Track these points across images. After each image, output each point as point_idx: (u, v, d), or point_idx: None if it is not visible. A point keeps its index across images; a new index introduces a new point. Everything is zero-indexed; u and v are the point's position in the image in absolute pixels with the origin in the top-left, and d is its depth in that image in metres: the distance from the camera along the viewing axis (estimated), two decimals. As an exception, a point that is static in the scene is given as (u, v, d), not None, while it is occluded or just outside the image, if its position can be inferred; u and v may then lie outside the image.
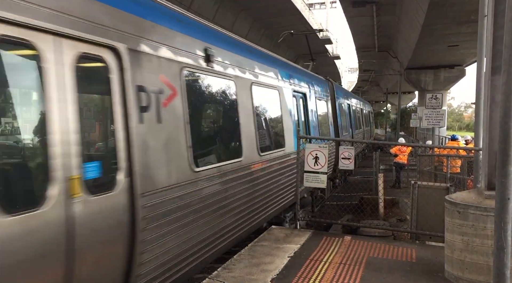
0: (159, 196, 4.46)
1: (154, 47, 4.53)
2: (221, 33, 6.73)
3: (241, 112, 6.81)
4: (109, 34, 3.84)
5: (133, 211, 4.04)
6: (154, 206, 4.35)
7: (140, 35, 4.32)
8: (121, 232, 3.93)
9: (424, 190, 7.87)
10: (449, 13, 19.18)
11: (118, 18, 4.04)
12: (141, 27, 4.38)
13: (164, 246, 4.56)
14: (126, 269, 4.06)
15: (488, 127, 5.37)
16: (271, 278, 5.44)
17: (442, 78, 35.15)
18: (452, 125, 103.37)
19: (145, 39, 4.39)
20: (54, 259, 3.21)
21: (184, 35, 5.27)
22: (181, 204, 4.85)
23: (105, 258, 3.77)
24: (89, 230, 3.51)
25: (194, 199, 5.14)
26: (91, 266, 3.58)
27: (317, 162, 7.94)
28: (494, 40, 5.26)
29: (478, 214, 5.17)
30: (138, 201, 4.07)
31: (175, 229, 4.74)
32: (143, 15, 4.48)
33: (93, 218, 3.56)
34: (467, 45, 25.37)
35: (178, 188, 4.80)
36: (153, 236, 4.34)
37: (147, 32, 4.46)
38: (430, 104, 20.99)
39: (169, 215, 4.62)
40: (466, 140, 16.72)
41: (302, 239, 7.21)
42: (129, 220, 4.01)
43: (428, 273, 5.78)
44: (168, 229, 4.61)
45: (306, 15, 30.87)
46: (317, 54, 40.50)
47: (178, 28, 5.18)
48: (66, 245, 3.27)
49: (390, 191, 15.52)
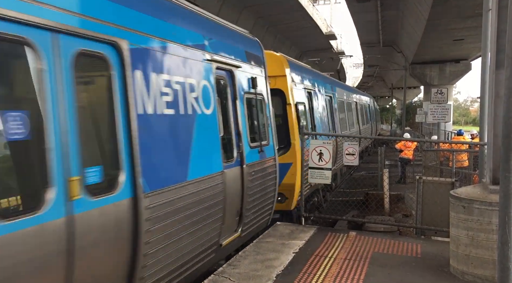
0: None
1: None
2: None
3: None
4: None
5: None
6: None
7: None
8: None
9: (429, 185, 7.85)
10: (453, 8, 19.06)
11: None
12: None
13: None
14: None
15: (493, 122, 5.35)
16: (276, 274, 5.46)
17: (448, 73, 34.94)
18: (458, 119, 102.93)
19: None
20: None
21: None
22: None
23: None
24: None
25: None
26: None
27: (322, 158, 7.94)
28: (498, 34, 5.24)
29: (483, 209, 5.17)
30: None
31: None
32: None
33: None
34: (473, 39, 25.20)
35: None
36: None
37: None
38: (436, 99, 20.90)
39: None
40: (471, 134, 16.65)
41: (307, 235, 7.23)
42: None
43: (434, 268, 5.78)
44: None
45: (310, 11, 30.75)
46: (322, 50, 40.36)
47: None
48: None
49: (395, 186, 15.48)
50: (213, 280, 5.27)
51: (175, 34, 4.94)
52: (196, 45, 5.40)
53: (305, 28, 33.02)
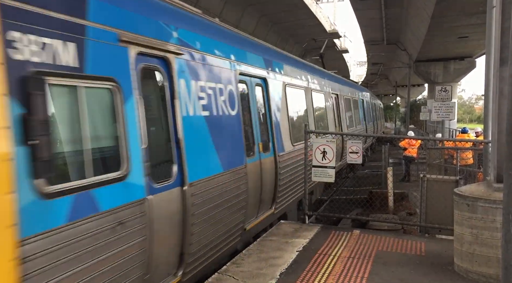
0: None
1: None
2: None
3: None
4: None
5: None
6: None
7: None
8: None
9: (433, 183, 7.83)
10: (457, 5, 18.96)
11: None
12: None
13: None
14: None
15: (497, 120, 5.33)
16: (280, 273, 5.47)
17: (452, 70, 34.76)
18: (463, 117, 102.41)
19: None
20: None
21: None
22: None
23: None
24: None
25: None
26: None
27: (325, 156, 7.93)
28: (502, 32, 5.21)
29: (487, 207, 5.15)
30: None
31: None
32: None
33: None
34: (477, 36, 25.05)
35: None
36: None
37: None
38: (440, 96, 20.85)
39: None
40: (476, 132, 16.57)
41: (310, 233, 7.23)
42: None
43: (438, 266, 5.77)
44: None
45: (314, 9, 30.68)
46: (325, 49, 40.28)
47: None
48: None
49: (399, 184, 15.44)
50: (217, 278, 5.28)
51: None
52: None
53: (308, 26, 32.96)
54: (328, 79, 14.51)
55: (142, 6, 4.54)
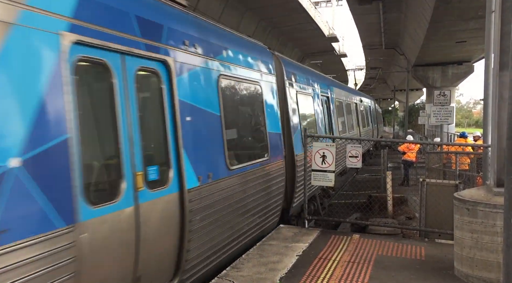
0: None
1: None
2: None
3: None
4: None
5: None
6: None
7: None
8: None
9: (433, 187, 7.83)
10: (456, 9, 19.03)
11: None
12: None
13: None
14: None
15: (496, 124, 5.33)
16: (279, 277, 5.45)
17: (450, 75, 34.87)
18: (461, 121, 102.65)
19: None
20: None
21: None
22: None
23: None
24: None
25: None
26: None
27: (325, 160, 7.92)
28: (501, 36, 5.23)
29: (487, 211, 5.15)
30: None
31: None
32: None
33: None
34: (475, 41, 25.15)
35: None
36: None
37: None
38: (438, 101, 20.89)
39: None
40: (474, 136, 16.59)
41: (310, 238, 7.21)
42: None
43: (438, 271, 5.75)
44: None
45: (312, 14, 30.82)
46: (324, 53, 40.34)
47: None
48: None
49: (399, 189, 15.44)
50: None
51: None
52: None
53: (307, 30, 33.08)
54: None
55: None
